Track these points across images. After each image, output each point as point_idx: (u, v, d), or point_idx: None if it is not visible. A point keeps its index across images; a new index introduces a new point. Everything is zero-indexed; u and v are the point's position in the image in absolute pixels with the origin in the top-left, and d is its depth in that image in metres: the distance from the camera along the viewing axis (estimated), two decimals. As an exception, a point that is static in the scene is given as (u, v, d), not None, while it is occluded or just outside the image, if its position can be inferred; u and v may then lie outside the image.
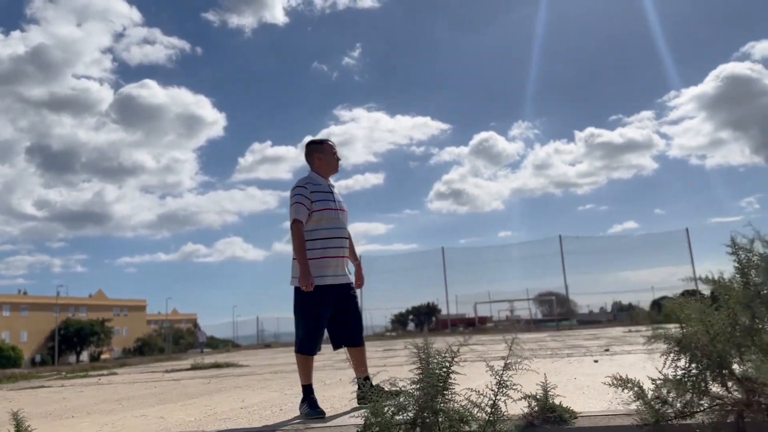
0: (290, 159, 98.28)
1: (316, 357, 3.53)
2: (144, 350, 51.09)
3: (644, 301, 45.14)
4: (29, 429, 2.52)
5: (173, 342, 51.35)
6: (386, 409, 1.98)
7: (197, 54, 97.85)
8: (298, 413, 3.30)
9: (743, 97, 77.09)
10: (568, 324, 41.58)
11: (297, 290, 3.45)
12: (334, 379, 5.37)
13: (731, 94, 77.34)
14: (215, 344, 46.33)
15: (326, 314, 3.47)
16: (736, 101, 77.54)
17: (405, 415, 1.95)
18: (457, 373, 2.00)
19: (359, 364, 3.54)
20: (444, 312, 56.97)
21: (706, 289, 2.35)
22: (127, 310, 70.90)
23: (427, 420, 1.89)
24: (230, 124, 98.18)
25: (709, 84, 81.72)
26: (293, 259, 3.48)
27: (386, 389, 3.01)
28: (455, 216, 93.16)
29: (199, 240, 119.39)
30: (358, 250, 3.82)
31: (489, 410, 1.92)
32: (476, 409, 1.93)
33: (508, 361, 1.98)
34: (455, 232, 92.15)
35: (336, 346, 3.58)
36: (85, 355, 55.94)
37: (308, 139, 3.81)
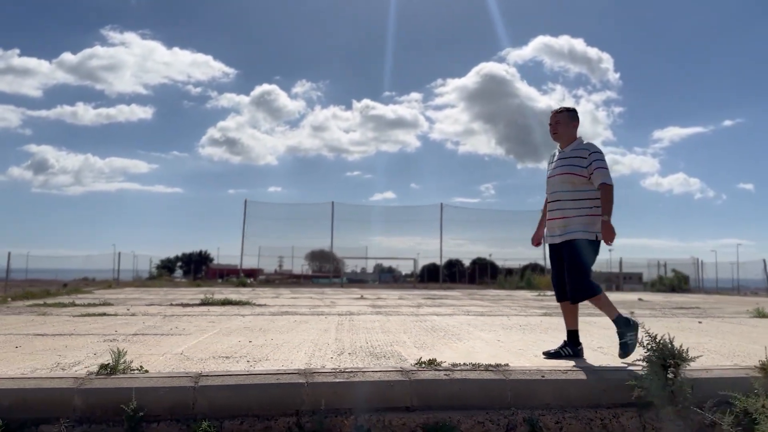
0: (41, 74, 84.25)
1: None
2: None
3: (408, 266, 51.27)
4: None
5: None
6: None
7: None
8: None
9: (496, 95, 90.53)
10: (338, 281, 45.49)
11: (585, 242, 4.01)
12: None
13: (487, 91, 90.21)
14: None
15: None
16: (490, 97, 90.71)
17: None
18: None
19: (572, 315, 4.24)
20: (216, 261, 56.58)
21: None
22: None
23: None
24: (-32, 21, 79.87)
25: (471, 78, 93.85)
26: (586, 215, 4.03)
27: None
28: (227, 165, 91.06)
29: None
30: (113, 186, 4.55)
31: None
32: None
33: None
34: (225, 182, 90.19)
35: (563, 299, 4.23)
36: None
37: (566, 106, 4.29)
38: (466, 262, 47.01)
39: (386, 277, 51.72)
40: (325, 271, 54.22)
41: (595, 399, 3.38)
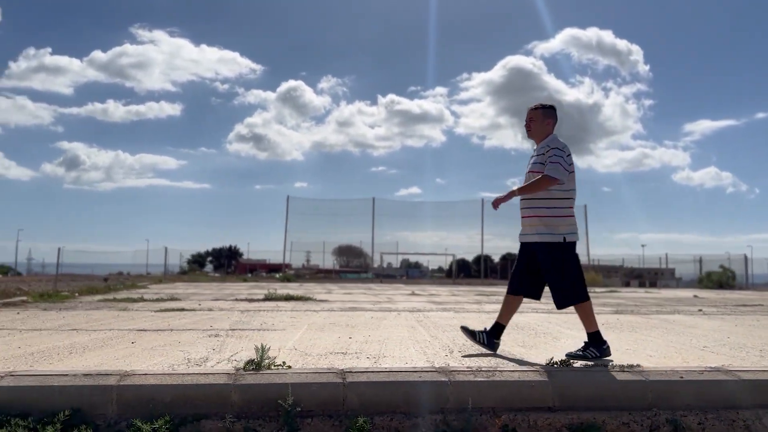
0: (72, 72, 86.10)
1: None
2: None
3: (435, 261, 51.17)
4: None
5: None
6: None
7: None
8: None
9: (523, 89, 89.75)
10: (367, 276, 45.41)
11: (564, 245, 3.92)
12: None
13: (514, 84, 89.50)
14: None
15: None
16: (517, 91, 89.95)
17: None
18: None
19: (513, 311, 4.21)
20: (246, 257, 57.14)
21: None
22: None
23: None
24: (5, 20, 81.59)
25: (497, 72, 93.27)
26: (550, 216, 3.91)
27: None
28: (254, 161, 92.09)
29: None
30: (143, 182, 4.46)
31: None
32: None
33: None
34: (252, 177, 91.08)
35: (530, 295, 4.16)
36: None
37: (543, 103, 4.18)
38: (495, 258, 46.84)
39: (414, 273, 51.66)
40: (354, 267, 54.42)
41: (734, 399, 3.34)
